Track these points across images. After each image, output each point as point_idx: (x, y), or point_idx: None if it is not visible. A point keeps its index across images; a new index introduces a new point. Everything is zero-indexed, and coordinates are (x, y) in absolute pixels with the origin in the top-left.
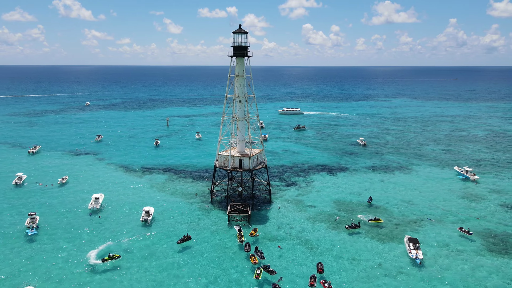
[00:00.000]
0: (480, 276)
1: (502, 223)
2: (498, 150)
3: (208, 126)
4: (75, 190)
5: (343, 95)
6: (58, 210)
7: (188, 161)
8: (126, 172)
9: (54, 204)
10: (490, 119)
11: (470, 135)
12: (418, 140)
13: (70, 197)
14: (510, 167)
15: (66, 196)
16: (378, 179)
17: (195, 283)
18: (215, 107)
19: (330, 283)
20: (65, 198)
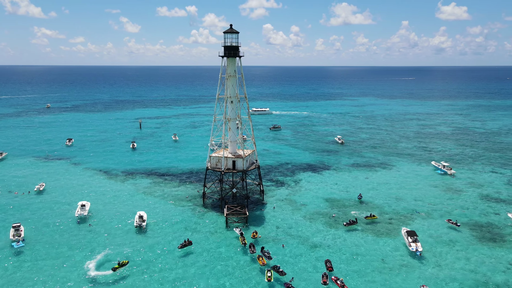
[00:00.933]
0: (476, 264)
1: (484, 214)
2: (466, 146)
3: (182, 128)
4: (56, 197)
5: (310, 94)
6: (42, 219)
7: (170, 164)
8: (107, 177)
9: (36, 213)
10: (451, 116)
11: (437, 132)
12: (391, 137)
13: (53, 205)
14: (479, 162)
15: (47, 204)
16: (362, 176)
17: None
18: (186, 108)
19: (342, 280)
20: (47, 206)
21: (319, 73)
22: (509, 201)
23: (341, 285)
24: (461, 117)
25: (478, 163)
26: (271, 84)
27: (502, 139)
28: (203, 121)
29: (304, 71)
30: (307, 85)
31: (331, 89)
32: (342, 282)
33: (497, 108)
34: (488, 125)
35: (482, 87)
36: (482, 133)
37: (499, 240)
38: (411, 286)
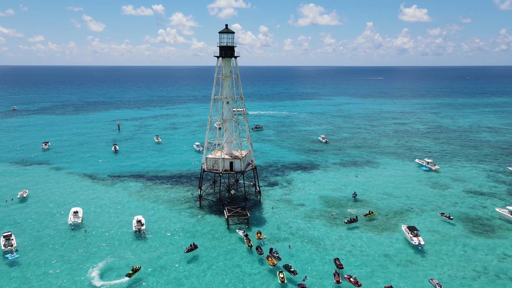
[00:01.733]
0: (474, 255)
1: (472, 207)
2: (443, 143)
3: (163, 129)
4: (43, 204)
5: (285, 94)
6: (33, 228)
7: (158, 167)
8: (94, 181)
9: (25, 222)
10: (424, 114)
11: (414, 130)
12: (372, 136)
13: (41, 213)
14: (458, 158)
15: (35, 212)
16: (352, 174)
17: None
18: (162, 109)
19: (356, 278)
20: (35, 214)
21: (289, 73)
22: (491, 195)
23: (355, 282)
24: (433, 115)
25: (457, 159)
26: (244, 84)
27: (474, 135)
28: (183, 122)
29: (274, 71)
30: (280, 85)
31: (305, 88)
32: (356, 279)
33: (464, 106)
34: (459, 123)
35: (447, 86)
36: (455, 130)
37: (491, 231)
38: (420, 279)
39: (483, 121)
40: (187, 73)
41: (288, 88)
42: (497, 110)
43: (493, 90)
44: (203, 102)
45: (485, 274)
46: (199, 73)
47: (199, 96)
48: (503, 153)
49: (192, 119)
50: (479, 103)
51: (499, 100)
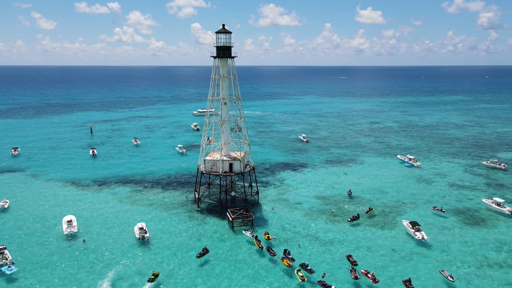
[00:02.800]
0: (472, 245)
1: (460, 200)
2: (417, 139)
3: (138, 131)
4: (28, 214)
5: (254, 94)
6: (25, 240)
7: (143, 170)
8: (78, 188)
9: (14, 234)
10: (392, 112)
11: (387, 127)
12: (349, 134)
13: (29, 223)
14: (435, 153)
15: (22, 223)
16: (340, 172)
17: None
18: (132, 111)
19: (373, 274)
20: (22, 225)
21: (253, 72)
22: (473, 188)
23: (372, 278)
24: (401, 113)
25: (433, 155)
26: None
27: (443, 132)
28: (157, 124)
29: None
30: (247, 85)
31: (273, 88)
32: (373, 275)
33: (426, 104)
34: (426, 120)
35: (406, 85)
36: (425, 127)
37: (481, 222)
38: (430, 271)
39: (447, 118)
40: (148, 73)
41: (256, 88)
42: (456, 107)
43: (448, 88)
44: (172, 103)
45: (487, 263)
46: (161, 73)
47: (167, 97)
48: (473, 148)
49: (166, 121)
50: (439, 101)
51: (456, 98)
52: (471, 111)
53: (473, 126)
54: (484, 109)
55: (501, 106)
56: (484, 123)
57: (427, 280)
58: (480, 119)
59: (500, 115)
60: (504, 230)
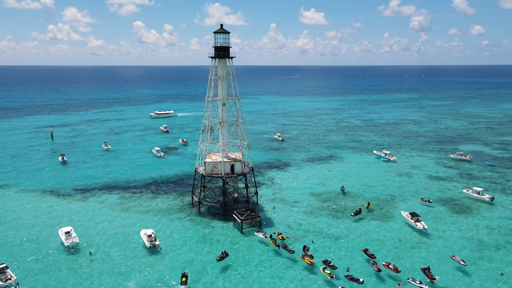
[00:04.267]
0: (467, 232)
1: (441, 191)
2: (383, 135)
3: (103, 135)
4: (17, 229)
5: None
6: (23, 256)
7: (123, 176)
8: (60, 197)
9: (9, 251)
10: (352, 110)
11: (352, 125)
12: (319, 132)
13: (22, 238)
14: (404, 148)
15: (14, 238)
16: (325, 169)
17: None
18: (89, 114)
19: (395, 264)
20: (15, 240)
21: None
22: (448, 179)
23: (394, 268)
24: (359, 110)
25: (403, 149)
26: (155, 84)
27: (404, 128)
28: (122, 126)
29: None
30: (201, 85)
31: None
32: (395, 266)
33: (380, 102)
34: (385, 117)
35: (355, 84)
36: (386, 124)
37: (467, 210)
38: (442, 257)
39: (403, 115)
40: (90, 73)
41: None
42: (407, 105)
43: (394, 87)
44: (129, 104)
45: (485, 246)
46: (104, 73)
47: (121, 98)
48: (435, 142)
49: (130, 123)
50: (390, 99)
51: (404, 96)
52: (422, 107)
53: (428, 122)
54: (432, 106)
55: (445, 102)
56: (436, 119)
57: (442, 266)
58: (432, 115)
59: (447, 111)
60: (488, 215)
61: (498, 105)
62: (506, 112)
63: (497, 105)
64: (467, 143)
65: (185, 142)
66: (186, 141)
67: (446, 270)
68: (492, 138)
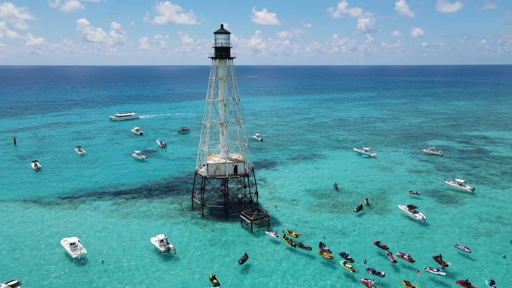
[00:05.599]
0: (461, 220)
1: (425, 184)
2: (355, 133)
3: (71, 139)
4: (12, 243)
5: (172, 95)
6: (30, 272)
7: (109, 181)
8: (46, 207)
9: (12, 267)
10: (319, 109)
11: (324, 123)
12: (295, 131)
13: (21, 253)
14: (379, 144)
15: (11, 253)
16: (311, 167)
17: None
18: (47, 117)
19: (409, 255)
20: (13, 255)
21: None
22: (427, 172)
23: (409, 259)
24: (326, 109)
25: (379, 146)
26: (117, 85)
27: (372, 125)
28: (90, 130)
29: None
30: (161, 86)
31: (188, 89)
32: (410, 256)
33: (343, 101)
34: (352, 115)
35: (314, 83)
36: (355, 122)
37: (453, 200)
38: (446, 246)
39: (367, 113)
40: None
41: (171, 88)
42: (369, 103)
43: (351, 86)
44: (88, 106)
45: (479, 233)
46: (48, 74)
47: (78, 100)
48: (405, 138)
49: (98, 126)
50: (351, 98)
51: (362, 94)
52: (382, 106)
53: (393, 119)
54: (391, 104)
55: (401, 101)
56: (399, 116)
57: (448, 254)
58: (394, 113)
59: (406, 108)
60: (473, 205)
61: (448, 102)
62: (457, 108)
63: (448, 103)
64: (433, 138)
65: (164, 145)
66: (164, 144)
67: (453, 257)
68: (454, 133)
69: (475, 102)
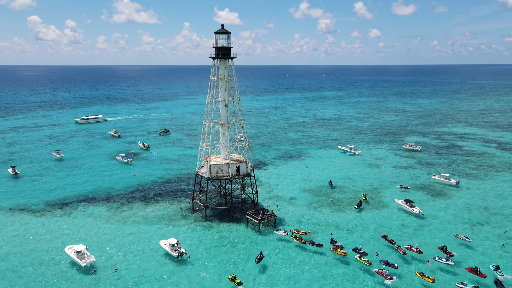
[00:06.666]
0: (453, 212)
1: (412, 178)
2: (335, 131)
3: (44, 143)
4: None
5: (141, 95)
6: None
7: (96, 186)
8: (36, 215)
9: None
10: (293, 108)
11: (302, 122)
12: (275, 130)
13: (22, 265)
14: (360, 142)
15: (12, 266)
16: (301, 165)
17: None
18: (10, 120)
19: (417, 246)
20: (16, 268)
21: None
22: (411, 167)
23: (417, 250)
24: (300, 108)
25: (359, 143)
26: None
27: (348, 123)
28: (60, 132)
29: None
30: (128, 86)
31: (157, 89)
32: (418, 247)
33: (313, 100)
34: (326, 114)
35: (283, 83)
36: (331, 120)
37: (441, 193)
38: (446, 236)
39: (341, 111)
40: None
41: (138, 89)
42: (339, 101)
43: (319, 86)
44: (53, 108)
45: (473, 223)
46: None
47: (40, 101)
48: (383, 135)
49: (69, 129)
50: (321, 97)
51: (331, 93)
52: (353, 104)
53: (367, 117)
54: (361, 102)
55: (370, 99)
56: (372, 114)
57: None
58: (366, 111)
59: (377, 107)
60: (460, 197)
61: (414, 100)
62: (423, 106)
63: (413, 101)
64: (408, 135)
65: (147, 146)
66: (147, 145)
67: (455, 247)
68: (426, 130)
69: (437, 100)
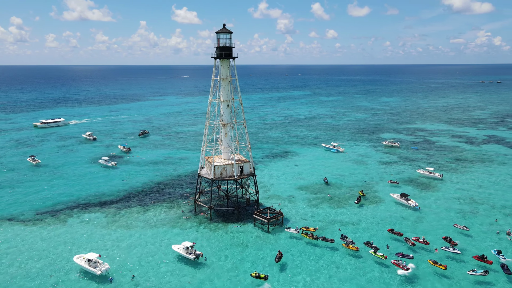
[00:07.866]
0: (447, 203)
1: (398, 173)
2: (312, 130)
3: (11, 148)
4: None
5: (105, 96)
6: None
7: (84, 192)
8: (27, 225)
9: None
10: (266, 108)
11: (279, 122)
12: (254, 130)
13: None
14: (340, 140)
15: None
16: (291, 164)
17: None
18: None
19: (424, 238)
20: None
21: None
22: (395, 163)
23: (424, 241)
24: (274, 108)
25: (339, 141)
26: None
27: (324, 121)
28: (27, 137)
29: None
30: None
31: (121, 90)
32: (424, 239)
33: (284, 99)
34: (301, 113)
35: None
36: (306, 119)
37: (429, 186)
38: (445, 226)
39: (313, 110)
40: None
41: (99, 90)
42: (309, 100)
43: (285, 85)
44: (12, 111)
45: (465, 213)
46: None
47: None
48: (360, 133)
49: (36, 133)
50: (289, 96)
51: (299, 93)
52: (323, 103)
53: (340, 116)
54: (330, 101)
55: (337, 98)
56: (343, 113)
57: (450, 233)
58: (337, 109)
59: (346, 105)
60: (447, 189)
61: (378, 99)
62: (389, 104)
63: (378, 99)
64: (383, 132)
65: (128, 149)
66: (129, 148)
67: (456, 236)
68: (398, 127)
69: (401, 98)
